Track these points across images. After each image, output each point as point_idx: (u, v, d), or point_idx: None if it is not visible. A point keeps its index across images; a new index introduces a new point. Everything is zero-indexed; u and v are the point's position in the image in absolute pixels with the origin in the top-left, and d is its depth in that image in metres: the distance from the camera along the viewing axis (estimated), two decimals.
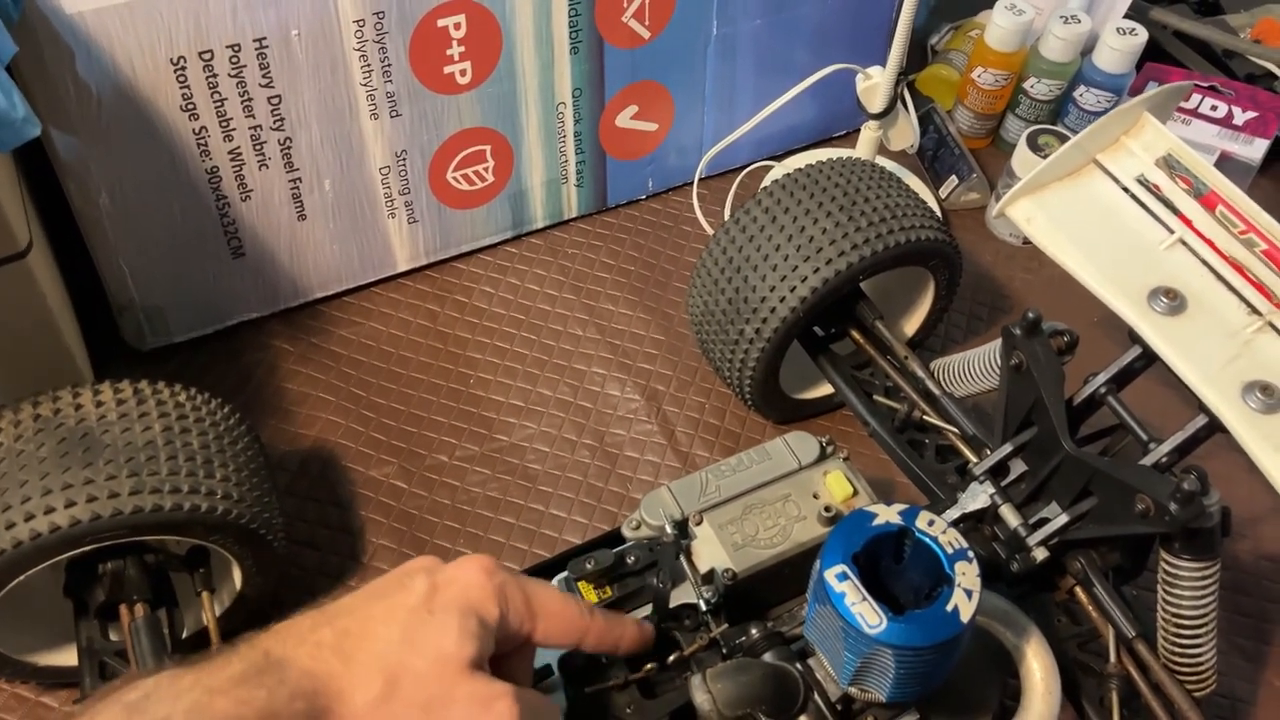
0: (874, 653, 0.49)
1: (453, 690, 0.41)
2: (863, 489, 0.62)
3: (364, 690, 0.40)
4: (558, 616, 0.46)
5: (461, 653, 0.41)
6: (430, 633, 0.41)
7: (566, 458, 0.78)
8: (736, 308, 0.72)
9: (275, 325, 0.84)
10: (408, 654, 0.41)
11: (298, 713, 0.38)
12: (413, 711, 0.40)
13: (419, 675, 0.40)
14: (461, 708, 0.41)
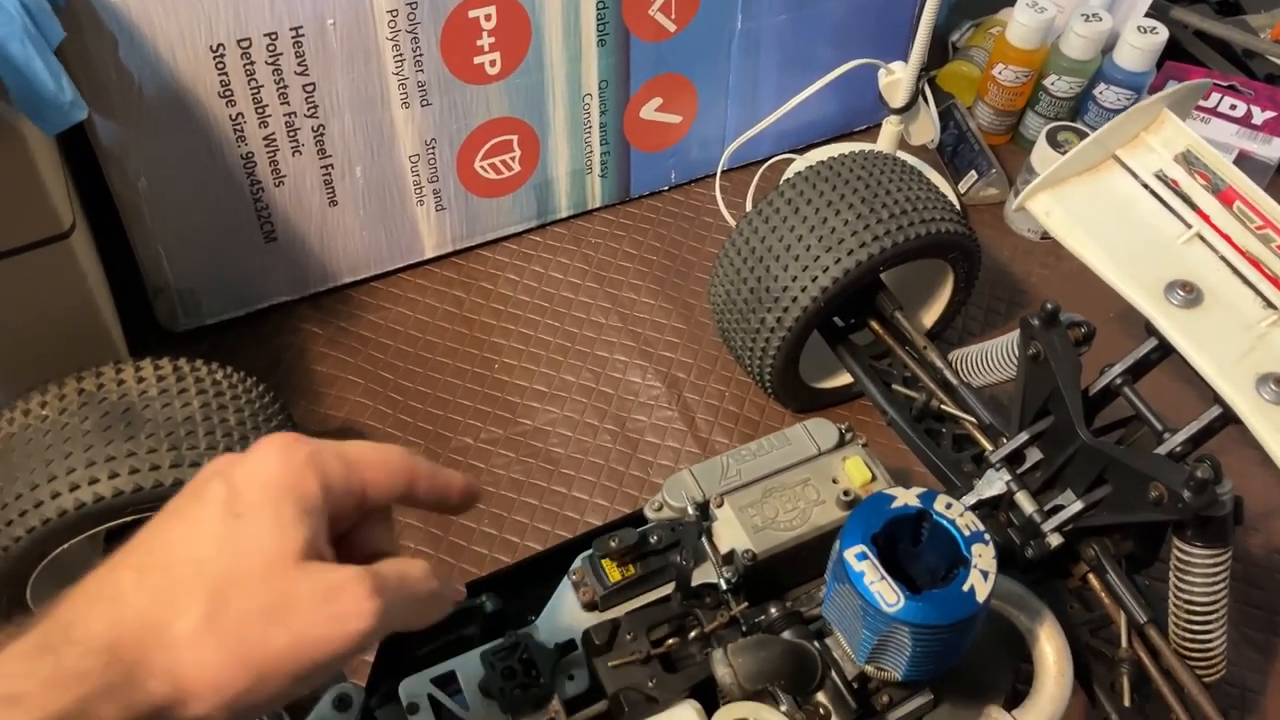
0: (891, 630, 0.50)
1: (291, 588, 0.35)
2: (881, 475, 0.63)
3: (185, 617, 0.34)
4: (381, 465, 0.40)
5: (287, 545, 0.36)
6: (245, 535, 0.36)
7: (589, 442, 0.80)
8: (759, 297, 0.73)
9: (305, 309, 0.85)
10: (227, 565, 0.35)
11: (98, 669, 0.33)
12: (251, 620, 0.34)
13: (247, 583, 0.35)
14: (305, 606, 0.35)
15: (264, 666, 0.34)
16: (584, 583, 0.59)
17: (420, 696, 0.56)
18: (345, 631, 0.35)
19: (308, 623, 0.35)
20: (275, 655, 0.35)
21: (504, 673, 0.56)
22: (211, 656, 0.34)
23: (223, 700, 0.34)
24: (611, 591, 0.58)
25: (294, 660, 0.35)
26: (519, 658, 0.56)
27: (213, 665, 0.34)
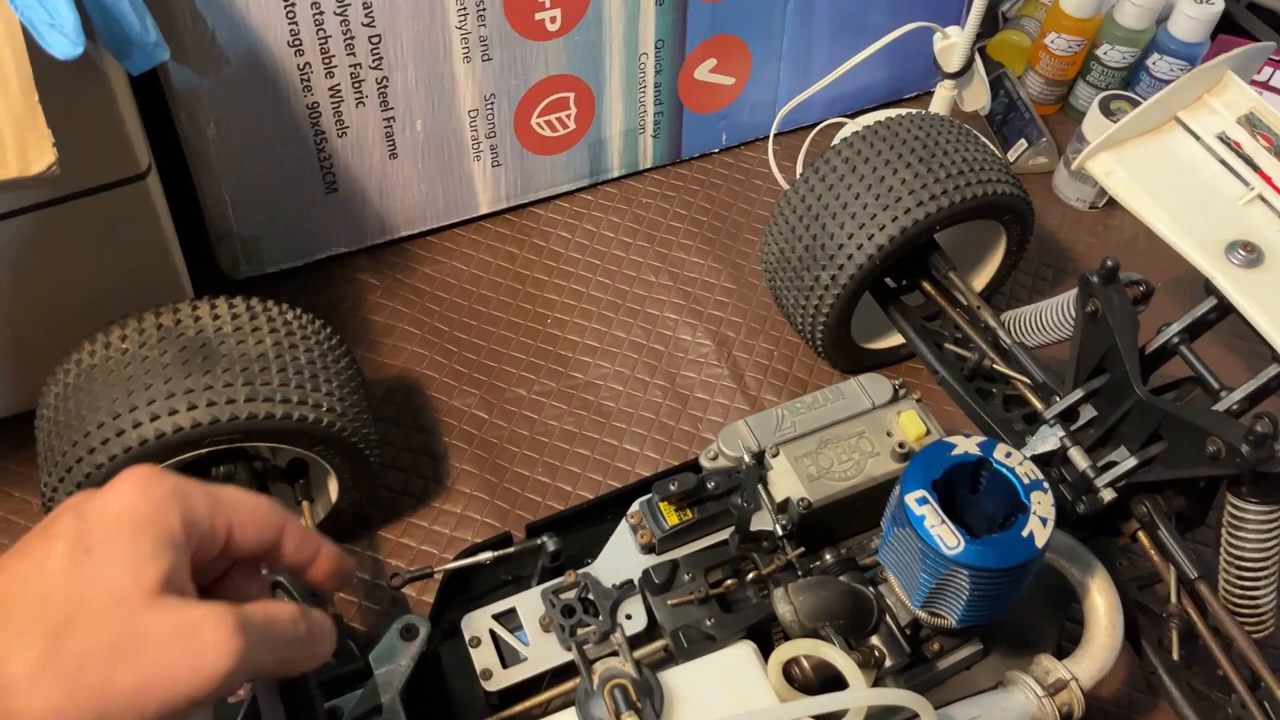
0: (950, 573, 0.51)
1: (141, 625, 0.33)
2: (935, 429, 0.64)
3: (21, 656, 0.32)
4: (251, 511, 0.38)
5: (142, 581, 0.34)
6: (94, 572, 0.34)
7: (639, 397, 0.81)
8: (814, 254, 0.74)
9: (362, 260, 0.87)
10: (71, 601, 0.33)
11: None
12: (94, 660, 0.32)
13: (92, 619, 0.33)
14: (157, 643, 0.33)
15: (108, 707, 0.32)
16: (642, 525, 0.60)
17: (482, 630, 0.57)
18: (201, 670, 0.33)
19: (160, 661, 0.33)
20: (121, 695, 0.32)
21: (564, 610, 0.57)
22: (50, 696, 0.32)
23: None
24: (669, 535, 0.59)
25: (142, 700, 0.32)
26: (579, 596, 0.58)
27: (51, 706, 0.31)
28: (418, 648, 0.55)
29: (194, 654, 0.33)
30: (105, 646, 0.32)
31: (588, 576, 0.59)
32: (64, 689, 0.32)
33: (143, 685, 0.32)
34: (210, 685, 0.33)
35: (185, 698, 0.33)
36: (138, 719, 0.32)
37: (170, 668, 0.33)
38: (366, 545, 0.71)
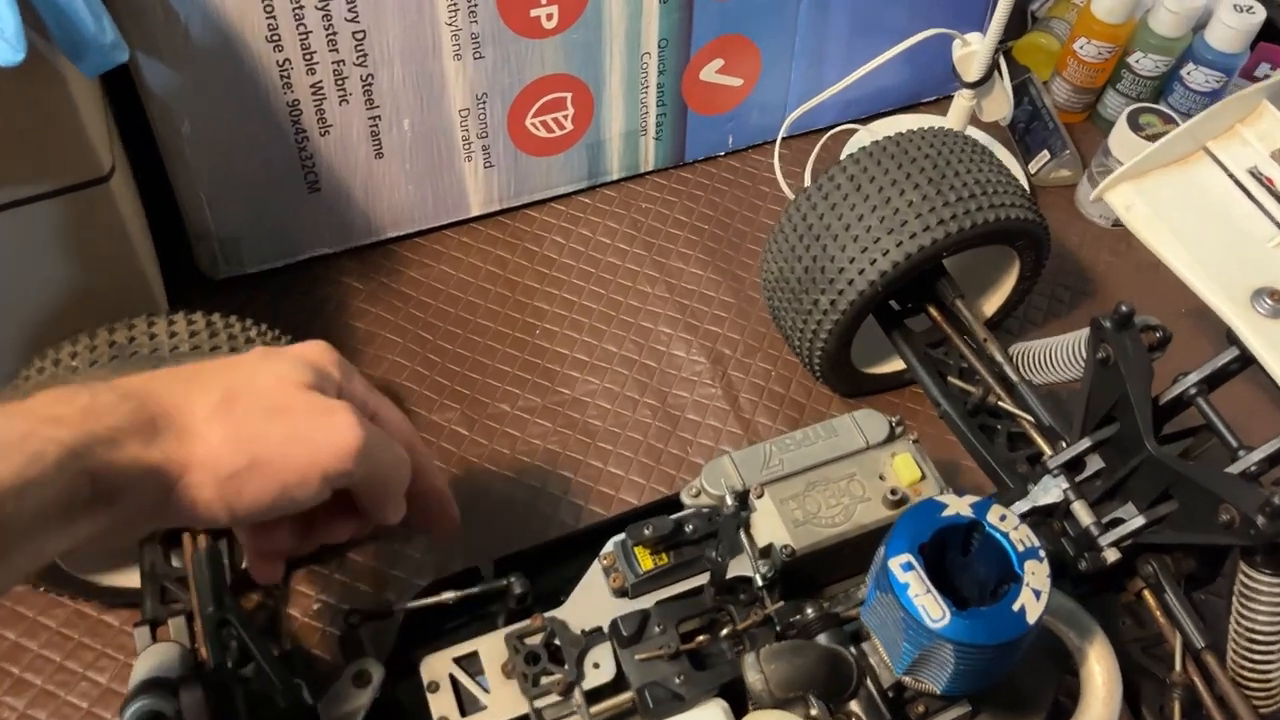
0: (934, 646, 0.48)
1: (292, 399, 0.42)
2: (930, 474, 0.61)
3: (203, 399, 0.40)
4: (394, 419, 0.48)
5: (298, 375, 0.43)
6: (268, 367, 0.43)
7: (628, 416, 0.78)
8: (813, 277, 0.70)
9: (347, 262, 0.84)
10: (246, 378, 0.42)
11: (129, 410, 0.38)
12: (254, 415, 0.41)
13: (257, 390, 0.42)
14: (302, 413, 0.41)
15: (258, 452, 0.40)
16: (614, 568, 0.57)
17: (441, 675, 0.55)
18: (335, 442, 0.41)
19: (303, 426, 0.41)
20: (271, 446, 0.40)
21: (528, 657, 0.54)
22: (217, 434, 0.40)
23: (217, 476, 0.39)
24: (643, 580, 0.56)
25: (286, 454, 0.40)
26: (545, 642, 0.55)
27: (215, 442, 0.39)
28: (370, 696, 0.53)
29: (330, 428, 0.42)
30: (264, 408, 0.41)
31: (554, 621, 0.56)
32: (229, 430, 0.40)
33: (288, 441, 0.41)
34: (338, 458, 0.41)
35: (318, 466, 0.41)
36: (278, 474, 0.40)
37: (310, 434, 0.41)
38: (335, 567, 0.69)
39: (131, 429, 0.38)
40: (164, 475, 0.39)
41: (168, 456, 0.39)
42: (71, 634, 0.65)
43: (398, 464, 0.46)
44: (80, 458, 0.36)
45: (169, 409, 0.39)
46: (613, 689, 0.55)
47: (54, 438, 0.36)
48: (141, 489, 0.38)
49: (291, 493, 0.41)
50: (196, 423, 0.40)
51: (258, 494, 0.41)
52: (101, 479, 0.36)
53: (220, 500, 0.40)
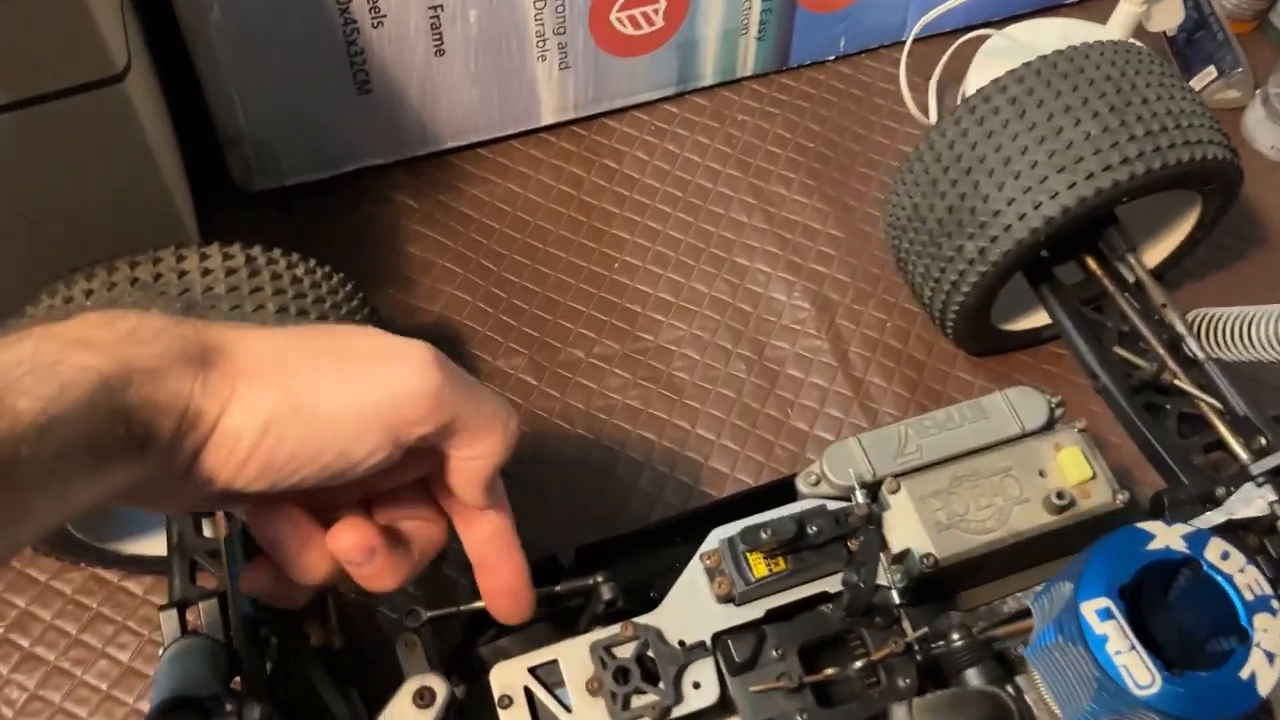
0: (1134, 715, 0.39)
1: (357, 339, 0.37)
2: (1103, 473, 0.51)
3: (255, 342, 0.36)
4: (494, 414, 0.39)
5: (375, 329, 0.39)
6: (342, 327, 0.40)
7: (719, 370, 0.69)
8: (959, 218, 0.60)
9: (399, 175, 0.74)
10: (308, 338, 0.38)
11: (177, 339, 0.34)
12: (308, 352, 0.36)
13: (324, 330, 0.39)
14: (359, 353, 0.36)
15: (303, 395, 0.35)
16: (720, 570, 0.49)
17: (515, 688, 0.47)
18: (402, 380, 0.35)
19: (362, 363, 0.36)
20: (320, 384, 0.35)
21: (617, 673, 0.47)
22: (264, 370, 0.35)
23: (256, 419, 0.34)
24: (754, 587, 0.48)
25: (337, 397, 0.35)
26: (637, 655, 0.47)
27: (260, 378, 0.35)
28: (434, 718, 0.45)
29: (399, 366, 0.36)
30: (324, 347, 0.36)
31: (649, 631, 0.48)
32: (278, 368, 0.35)
33: (343, 379, 0.35)
34: (405, 402, 0.35)
35: (379, 411, 0.35)
36: (332, 417, 0.35)
37: (371, 372, 0.36)
38: None
39: (178, 360, 0.33)
40: (204, 416, 0.34)
41: (210, 396, 0.34)
42: (89, 602, 0.58)
43: (495, 419, 0.38)
44: (115, 392, 0.31)
45: (220, 346, 0.35)
46: (717, 712, 0.47)
47: (87, 366, 0.31)
48: (179, 435, 0.33)
49: (344, 446, 0.35)
50: (245, 357, 0.35)
51: (300, 445, 0.35)
52: (137, 419, 0.32)
53: (259, 454, 0.34)
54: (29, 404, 0.29)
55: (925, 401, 0.68)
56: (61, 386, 0.30)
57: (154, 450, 0.32)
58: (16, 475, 0.29)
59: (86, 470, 0.31)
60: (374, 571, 0.39)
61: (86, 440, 0.30)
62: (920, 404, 0.68)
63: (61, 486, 0.31)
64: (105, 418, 0.31)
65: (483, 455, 0.38)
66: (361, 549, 0.38)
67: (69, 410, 0.30)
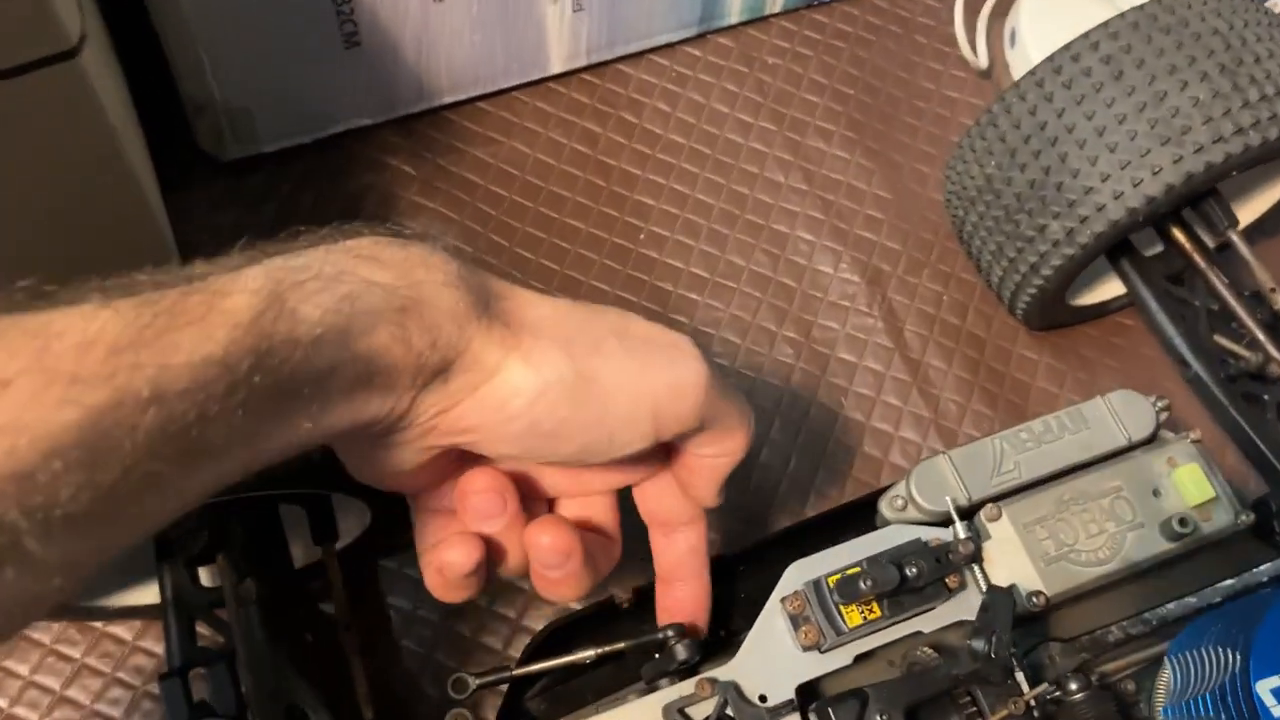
0: None
1: (633, 324, 0.37)
2: (1223, 492, 0.47)
3: (541, 301, 0.36)
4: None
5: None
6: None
7: (763, 355, 0.63)
8: (1042, 195, 0.54)
9: (392, 137, 0.66)
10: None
11: (468, 274, 0.33)
12: (591, 328, 0.36)
13: (598, 310, 0.37)
14: (643, 339, 0.37)
15: (585, 368, 0.34)
16: (805, 617, 0.44)
17: None
18: (676, 374, 0.36)
19: (642, 349, 0.36)
20: (601, 361, 0.35)
21: None
22: (546, 333, 0.34)
23: (538, 379, 0.33)
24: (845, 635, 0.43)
25: (615, 376, 0.35)
26: (716, 717, 0.43)
27: (544, 341, 0.34)
28: None
29: (673, 360, 0.36)
30: (607, 326, 0.36)
31: (727, 688, 0.43)
32: (560, 333, 0.35)
33: (624, 360, 0.35)
34: (676, 395, 0.36)
35: (650, 399, 0.35)
36: (606, 394, 0.35)
37: (648, 359, 0.36)
38: (406, 593, 0.55)
39: (465, 296, 0.32)
40: (482, 363, 0.33)
41: (494, 339, 0.33)
42: (71, 653, 0.52)
43: (743, 416, 0.39)
44: (399, 313, 0.31)
45: (508, 295, 0.35)
46: None
47: (375, 281, 0.30)
48: (450, 374, 0.32)
49: (613, 428, 0.35)
50: (532, 316, 0.35)
51: (571, 415, 0.34)
52: (415, 346, 0.31)
53: (528, 416, 0.33)
54: (311, 310, 0.29)
55: (988, 385, 0.63)
56: (346, 297, 0.29)
57: (418, 385, 0.32)
58: (289, 382, 0.28)
59: (349, 389, 0.30)
60: (561, 578, 0.38)
61: (362, 357, 0.30)
62: (983, 388, 0.63)
63: (323, 402, 0.30)
64: (385, 337, 0.30)
65: (727, 453, 0.39)
66: (559, 550, 0.37)
67: (351, 323, 0.29)
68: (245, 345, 0.27)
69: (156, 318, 0.26)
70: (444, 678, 0.44)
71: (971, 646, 0.40)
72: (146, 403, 0.25)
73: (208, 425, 0.27)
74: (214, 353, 0.27)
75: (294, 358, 0.28)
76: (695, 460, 0.40)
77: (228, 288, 0.28)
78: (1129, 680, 0.45)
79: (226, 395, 0.27)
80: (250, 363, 0.27)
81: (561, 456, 0.36)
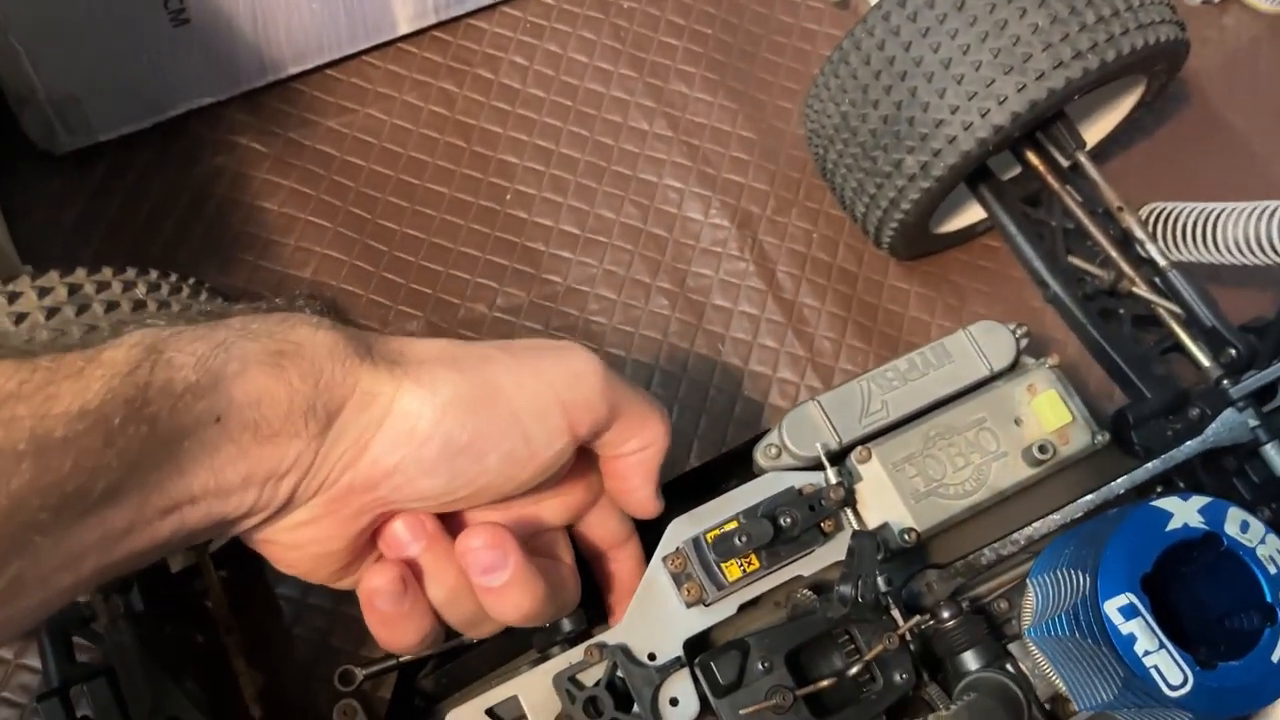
0: (1161, 711, 0.37)
1: (512, 341, 0.39)
2: (1080, 414, 0.48)
3: (415, 343, 0.36)
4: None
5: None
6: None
7: (639, 308, 0.63)
8: (895, 130, 0.54)
9: (239, 115, 0.64)
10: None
11: (341, 329, 0.34)
12: (472, 349, 0.37)
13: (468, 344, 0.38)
14: (527, 346, 0.38)
15: (483, 378, 0.35)
16: (687, 574, 0.44)
17: None
18: (570, 367, 0.37)
19: (530, 354, 0.37)
20: (497, 370, 0.36)
21: (587, 705, 0.43)
22: (433, 359, 0.35)
23: (436, 399, 0.34)
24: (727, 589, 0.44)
25: (517, 382, 0.36)
26: (607, 680, 0.43)
27: (432, 364, 0.35)
28: None
29: (563, 358, 0.37)
30: (483, 347, 0.37)
31: (615, 651, 0.44)
32: (445, 358, 0.35)
33: (517, 367, 0.36)
34: (578, 386, 0.37)
35: (556, 395, 0.36)
36: (514, 399, 0.35)
37: (541, 361, 0.37)
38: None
39: (341, 344, 0.33)
40: (376, 397, 0.33)
41: (380, 375, 0.33)
42: None
43: (651, 406, 0.39)
44: (276, 368, 0.31)
45: (385, 341, 0.35)
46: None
47: (249, 330, 0.32)
48: (361, 405, 0.33)
49: (527, 428, 0.35)
50: (414, 350, 0.35)
51: (483, 426, 0.34)
52: (324, 389, 0.32)
53: (439, 434, 0.34)
54: (185, 357, 0.29)
55: (861, 319, 0.64)
56: (220, 344, 0.30)
57: (313, 431, 0.32)
58: (170, 431, 0.29)
59: (238, 436, 0.30)
60: (507, 583, 0.36)
61: (241, 402, 0.30)
62: (857, 322, 0.64)
63: (212, 453, 0.30)
64: (263, 379, 0.31)
65: (649, 443, 0.39)
66: (493, 546, 0.36)
67: (226, 368, 0.30)
68: (122, 395, 0.28)
69: (35, 372, 0.27)
70: (339, 664, 0.44)
71: (840, 592, 0.41)
72: (22, 455, 0.26)
73: (86, 476, 0.27)
74: (90, 403, 0.27)
75: (171, 406, 0.29)
76: (622, 463, 0.40)
77: (108, 343, 0.29)
78: (1002, 599, 0.47)
79: (104, 445, 0.27)
80: (126, 413, 0.28)
81: (489, 476, 0.35)
